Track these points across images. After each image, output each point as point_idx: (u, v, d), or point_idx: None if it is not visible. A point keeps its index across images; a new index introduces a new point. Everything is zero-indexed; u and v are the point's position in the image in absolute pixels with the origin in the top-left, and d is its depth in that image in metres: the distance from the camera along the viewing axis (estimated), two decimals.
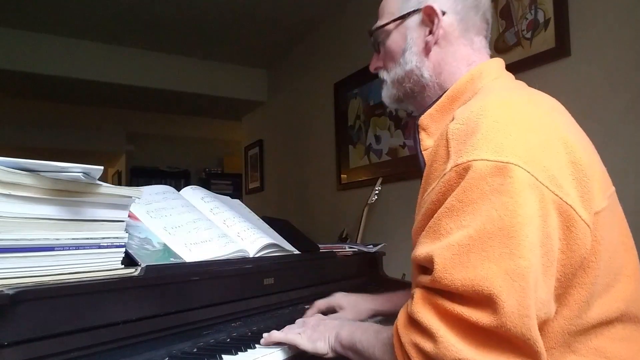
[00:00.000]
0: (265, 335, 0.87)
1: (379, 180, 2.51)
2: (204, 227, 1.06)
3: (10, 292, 0.61)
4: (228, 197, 1.33)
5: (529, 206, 0.56)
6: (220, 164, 6.68)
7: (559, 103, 0.75)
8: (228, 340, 0.93)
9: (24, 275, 0.66)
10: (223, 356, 0.80)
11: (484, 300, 0.54)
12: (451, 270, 0.57)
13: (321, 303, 1.07)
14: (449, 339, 0.55)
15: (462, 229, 0.58)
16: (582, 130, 0.73)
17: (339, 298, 1.07)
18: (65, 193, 0.71)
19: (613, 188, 0.71)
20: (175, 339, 0.84)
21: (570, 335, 0.62)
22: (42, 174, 0.68)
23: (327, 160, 3.18)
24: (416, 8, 0.82)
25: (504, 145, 0.59)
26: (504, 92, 0.72)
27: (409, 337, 0.60)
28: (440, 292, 0.59)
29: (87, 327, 0.70)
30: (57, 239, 0.70)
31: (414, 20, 0.83)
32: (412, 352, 0.59)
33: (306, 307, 1.14)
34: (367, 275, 1.50)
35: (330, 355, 0.81)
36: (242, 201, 1.39)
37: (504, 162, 0.57)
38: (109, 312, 0.74)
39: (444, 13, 0.80)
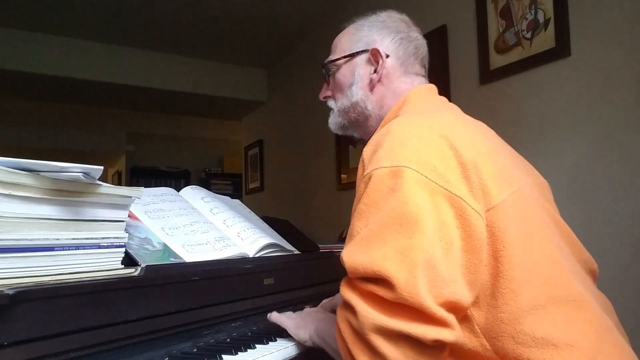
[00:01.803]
0: (268, 315, 0.98)
1: None
2: (201, 230, 1.06)
3: (10, 292, 0.61)
4: (228, 197, 1.33)
5: (419, 198, 0.65)
6: (220, 164, 6.68)
7: (464, 116, 0.86)
8: (228, 340, 0.93)
9: (24, 275, 0.66)
10: (223, 356, 0.80)
11: (382, 278, 0.63)
12: (354, 257, 0.66)
13: (326, 304, 1.10)
14: (366, 310, 0.64)
15: (366, 226, 0.68)
16: (487, 134, 0.84)
17: (339, 297, 1.08)
18: (65, 193, 0.71)
19: (521, 184, 0.77)
20: (175, 339, 0.84)
21: (506, 324, 0.66)
22: (42, 174, 0.68)
23: (327, 160, 3.18)
24: (364, 48, 0.96)
25: (398, 154, 0.69)
26: (408, 115, 0.84)
27: (342, 315, 0.69)
28: (355, 278, 0.68)
29: (87, 327, 0.70)
30: (57, 239, 0.70)
31: (362, 58, 0.97)
32: (343, 327, 0.68)
33: (306, 307, 1.14)
34: None
35: (309, 344, 0.89)
36: (242, 201, 1.39)
37: (397, 166, 0.67)
38: (108, 312, 0.74)
39: (387, 56, 0.94)
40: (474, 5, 2.07)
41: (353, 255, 0.67)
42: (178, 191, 1.20)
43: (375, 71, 0.95)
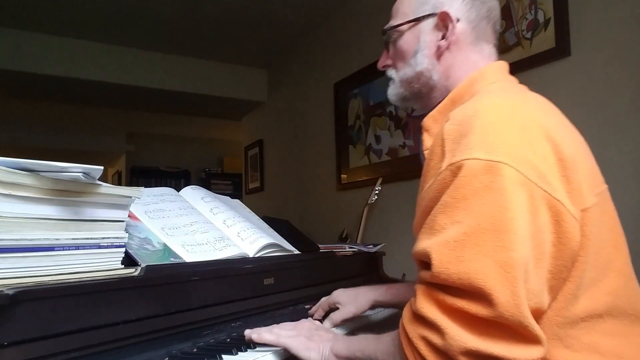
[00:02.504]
0: (247, 332, 0.87)
1: (379, 180, 2.51)
2: (201, 230, 1.06)
3: (10, 292, 0.61)
4: (228, 197, 1.33)
5: (518, 202, 0.59)
6: (220, 164, 6.68)
7: (552, 104, 0.78)
8: (228, 340, 0.93)
9: (24, 275, 0.66)
10: (223, 356, 0.80)
11: (480, 293, 0.57)
12: (447, 265, 0.60)
13: (324, 302, 1.08)
14: (455, 331, 0.58)
15: (455, 224, 0.61)
16: (575, 130, 0.76)
17: (338, 295, 1.07)
18: (65, 193, 0.71)
19: (605, 186, 0.73)
20: (175, 339, 0.84)
21: (559, 327, 0.64)
22: (42, 174, 0.68)
23: (327, 160, 3.18)
24: (432, 12, 0.85)
25: (495, 145, 0.62)
26: (497, 95, 0.74)
27: (416, 332, 0.63)
28: (440, 286, 0.62)
29: (87, 327, 0.70)
30: (57, 239, 0.70)
31: (429, 23, 0.85)
32: (421, 346, 0.61)
33: (306, 307, 1.14)
34: (367, 275, 1.50)
35: None
36: (242, 201, 1.39)
37: (495, 161, 0.60)
38: (109, 312, 0.74)
39: (458, 20, 0.83)
40: None
41: (446, 260, 0.60)
42: (178, 191, 1.20)
43: (443, 37, 0.84)
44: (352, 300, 1.06)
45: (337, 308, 1.06)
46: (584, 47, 1.65)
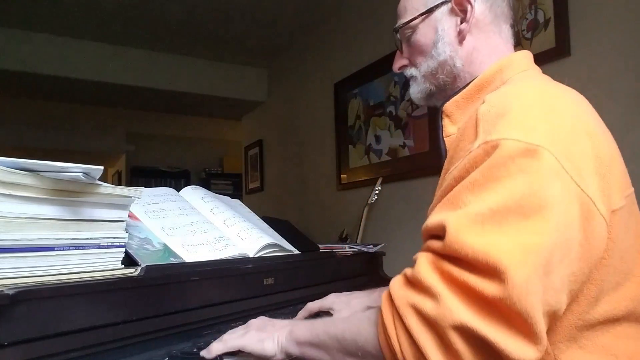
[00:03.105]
0: (203, 352, 0.78)
1: (379, 180, 2.51)
2: (201, 230, 1.06)
3: (10, 292, 0.61)
4: (228, 197, 1.33)
5: (553, 191, 0.55)
6: (220, 164, 6.68)
7: (586, 99, 0.75)
8: None
9: (24, 275, 0.66)
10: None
11: (493, 270, 0.53)
12: (464, 236, 0.55)
13: (314, 305, 1.05)
14: (452, 301, 0.54)
15: (482, 201, 0.57)
16: (607, 128, 0.73)
17: (331, 299, 1.06)
18: (65, 193, 0.71)
19: (632, 189, 0.70)
20: (175, 339, 0.84)
21: (577, 330, 0.62)
22: (42, 174, 0.68)
23: (327, 160, 3.18)
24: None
25: (535, 128, 0.58)
26: (536, 81, 0.72)
27: (405, 298, 0.58)
28: (449, 258, 0.57)
29: (87, 327, 0.70)
30: (57, 239, 0.70)
31: (443, 11, 0.82)
32: (408, 314, 0.57)
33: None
34: (367, 275, 1.50)
35: (279, 357, 0.75)
36: (242, 201, 1.39)
37: (535, 145, 0.57)
38: (109, 312, 0.74)
39: (475, 0, 0.80)
40: None
41: (464, 231, 0.56)
42: (178, 191, 1.20)
43: (462, 21, 0.80)
44: (345, 305, 1.05)
45: (330, 313, 1.04)
46: (584, 47, 1.65)
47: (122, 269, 0.80)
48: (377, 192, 2.48)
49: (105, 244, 0.77)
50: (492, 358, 0.53)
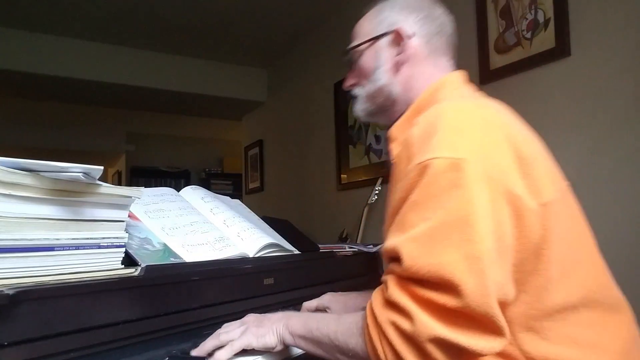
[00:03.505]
0: (194, 353, 0.81)
1: (379, 180, 2.51)
2: (201, 230, 1.06)
3: (10, 292, 0.61)
4: (228, 197, 1.33)
5: (481, 196, 0.62)
6: (220, 164, 6.68)
7: (510, 110, 0.82)
8: None
9: (24, 275, 0.66)
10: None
11: (448, 285, 0.60)
12: (417, 259, 0.62)
13: (310, 304, 1.08)
14: (424, 319, 0.61)
15: (425, 221, 0.64)
16: (532, 133, 0.80)
17: (327, 299, 1.08)
18: (65, 193, 0.71)
19: (566, 182, 0.77)
20: (175, 339, 0.84)
21: (534, 320, 0.67)
22: (42, 174, 0.68)
23: (327, 160, 3.18)
24: (387, 30, 0.91)
25: (458, 144, 0.66)
26: (459, 100, 0.80)
27: (386, 316, 0.65)
28: (411, 279, 0.64)
29: (87, 327, 0.70)
30: (57, 239, 0.70)
31: (385, 41, 0.92)
32: (390, 331, 0.63)
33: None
34: (367, 275, 1.50)
35: (279, 347, 0.81)
36: (242, 201, 1.39)
37: (458, 158, 0.64)
38: (109, 312, 0.74)
39: (411, 36, 0.90)
40: (474, 5, 2.07)
41: (416, 255, 0.63)
42: (178, 191, 1.20)
43: (399, 53, 0.90)
44: (342, 305, 1.06)
45: (325, 312, 1.06)
46: (584, 47, 1.65)
47: (122, 269, 0.80)
48: (377, 192, 2.48)
49: (105, 244, 0.77)
50: (467, 358, 0.61)
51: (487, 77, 1.99)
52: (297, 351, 0.85)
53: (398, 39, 0.90)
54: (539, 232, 0.66)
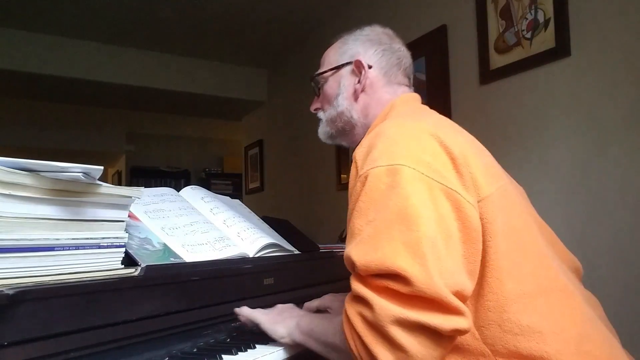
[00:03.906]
0: (236, 310, 0.95)
1: None
2: (201, 230, 1.06)
3: (10, 292, 0.61)
4: (228, 197, 1.33)
5: (418, 193, 0.68)
6: (220, 164, 6.68)
7: (449, 120, 0.90)
8: (228, 340, 0.93)
9: (24, 275, 0.66)
10: (223, 356, 0.80)
11: (396, 275, 0.64)
12: (365, 257, 0.67)
13: (312, 305, 1.09)
14: (382, 303, 0.65)
15: (368, 223, 0.69)
16: (469, 136, 0.87)
17: (328, 300, 1.09)
18: (65, 193, 0.71)
19: (505, 180, 0.82)
20: (175, 339, 0.85)
21: (492, 312, 0.69)
22: (42, 174, 0.68)
23: (327, 160, 3.18)
24: (348, 61, 1.01)
25: (394, 153, 0.72)
26: (397, 118, 0.87)
27: (353, 309, 0.70)
28: (368, 275, 0.69)
29: (87, 327, 0.70)
30: (57, 239, 0.70)
31: (347, 70, 1.01)
32: (356, 321, 0.68)
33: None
34: None
35: (287, 340, 0.87)
36: (242, 201, 1.39)
37: (394, 164, 0.70)
38: (109, 312, 0.74)
39: (370, 66, 0.99)
40: (474, 5, 2.07)
41: (363, 254, 0.67)
42: (178, 191, 1.20)
43: (358, 81, 0.99)
44: (340, 306, 1.06)
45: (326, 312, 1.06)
46: (584, 47, 1.65)
47: (122, 269, 0.80)
48: None
49: (105, 244, 0.77)
50: (431, 338, 0.63)
51: (487, 77, 1.99)
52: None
53: (358, 69, 0.99)
54: (479, 223, 0.70)
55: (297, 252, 1.25)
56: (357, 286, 0.70)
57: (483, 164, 0.77)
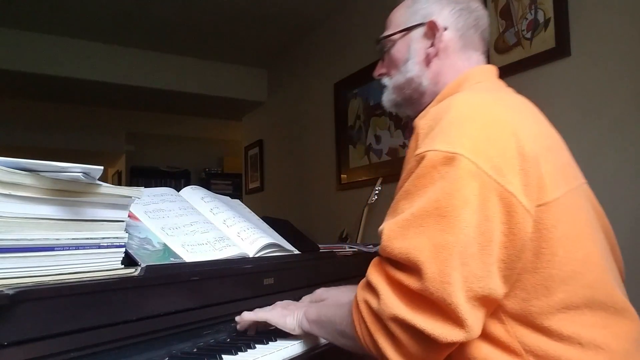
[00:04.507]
0: (237, 318, 0.94)
1: (379, 180, 2.51)
2: (201, 230, 1.06)
3: (10, 292, 0.61)
4: (228, 197, 1.33)
5: (467, 191, 0.64)
6: (220, 164, 6.68)
7: (530, 104, 0.82)
8: (228, 340, 0.93)
9: (24, 275, 0.66)
10: (223, 356, 0.80)
11: (413, 267, 0.64)
12: (393, 240, 0.67)
13: (304, 299, 1.08)
14: (389, 298, 0.66)
15: (410, 208, 0.67)
16: (550, 129, 0.80)
17: (321, 293, 1.08)
18: (65, 193, 0.71)
19: (581, 180, 0.78)
20: (175, 339, 0.84)
21: (535, 316, 0.67)
22: (42, 174, 0.68)
23: (327, 160, 3.18)
24: (421, 22, 0.89)
25: (455, 138, 0.67)
26: (472, 93, 0.79)
27: (362, 295, 0.71)
28: (387, 259, 0.69)
29: (87, 327, 0.70)
30: (57, 239, 0.70)
31: (418, 32, 0.90)
32: (363, 308, 0.69)
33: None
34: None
35: (297, 331, 0.88)
36: (242, 201, 1.39)
37: (452, 153, 0.65)
38: (109, 312, 0.74)
39: (445, 28, 0.88)
40: None
41: (393, 236, 0.67)
42: (178, 191, 1.20)
43: (432, 45, 0.88)
44: (333, 299, 1.07)
45: None
46: (584, 47, 1.65)
47: (122, 269, 0.80)
48: (377, 192, 2.48)
49: (105, 244, 0.77)
50: (426, 342, 0.63)
51: None
52: (323, 341, 0.91)
53: (432, 31, 0.88)
54: (530, 230, 0.66)
55: (297, 252, 1.25)
56: (371, 273, 0.70)
57: (558, 164, 0.72)
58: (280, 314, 0.90)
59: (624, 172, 1.53)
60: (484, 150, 0.66)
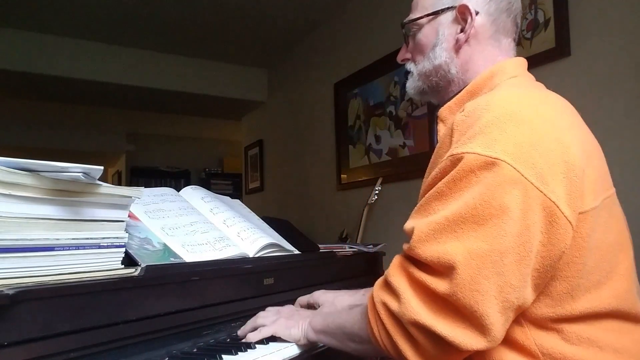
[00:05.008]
0: (240, 334, 0.93)
1: (379, 180, 2.51)
2: (201, 230, 1.06)
3: (10, 292, 0.61)
4: (228, 197, 1.33)
5: (508, 199, 0.61)
6: (220, 164, 6.68)
7: (570, 106, 0.78)
8: (228, 340, 0.93)
9: (24, 275, 0.67)
10: (223, 356, 0.80)
11: (444, 269, 0.62)
12: (424, 242, 0.64)
13: (303, 299, 1.09)
14: (411, 301, 0.64)
15: (444, 210, 0.65)
16: (589, 133, 0.76)
17: (318, 295, 1.08)
18: (65, 193, 0.71)
19: (613, 190, 0.74)
20: (175, 339, 0.84)
21: (554, 322, 0.66)
22: (42, 174, 0.68)
23: (327, 160, 3.18)
24: (451, 5, 0.84)
25: (497, 141, 0.63)
26: (513, 90, 0.74)
27: (380, 297, 0.69)
28: (412, 260, 0.67)
29: (87, 327, 0.70)
30: (57, 239, 0.70)
31: (448, 17, 0.84)
32: (381, 310, 0.68)
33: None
34: (367, 275, 1.50)
35: (303, 342, 0.87)
36: (242, 201, 1.39)
37: (493, 158, 0.62)
38: (109, 312, 0.74)
39: (477, 13, 0.82)
40: None
41: (423, 239, 0.64)
42: (178, 191, 1.20)
43: (462, 30, 0.83)
44: (330, 302, 1.06)
45: (315, 307, 1.06)
46: (584, 47, 1.65)
47: (122, 269, 0.80)
48: (377, 192, 2.48)
49: (105, 244, 0.77)
50: (446, 347, 0.62)
51: None
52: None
53: (463, 15, 0.82)
54: (569, 242, 0.63)
55: (297, 252, 1.25)
56: (393, 274, 0.68)
57: (596, 170, 0.69)
58: (285, 325, 0.89)
59: (625, 172, 1.53)
60: (527, 156, 0.62)
